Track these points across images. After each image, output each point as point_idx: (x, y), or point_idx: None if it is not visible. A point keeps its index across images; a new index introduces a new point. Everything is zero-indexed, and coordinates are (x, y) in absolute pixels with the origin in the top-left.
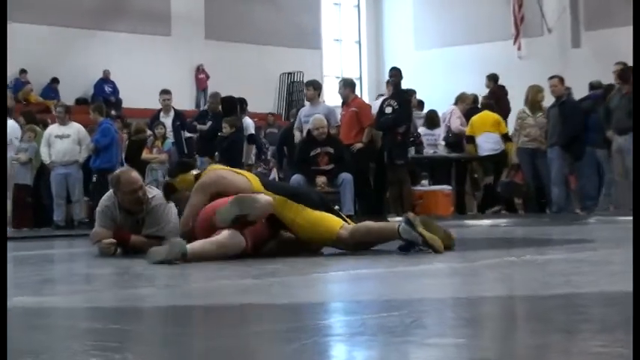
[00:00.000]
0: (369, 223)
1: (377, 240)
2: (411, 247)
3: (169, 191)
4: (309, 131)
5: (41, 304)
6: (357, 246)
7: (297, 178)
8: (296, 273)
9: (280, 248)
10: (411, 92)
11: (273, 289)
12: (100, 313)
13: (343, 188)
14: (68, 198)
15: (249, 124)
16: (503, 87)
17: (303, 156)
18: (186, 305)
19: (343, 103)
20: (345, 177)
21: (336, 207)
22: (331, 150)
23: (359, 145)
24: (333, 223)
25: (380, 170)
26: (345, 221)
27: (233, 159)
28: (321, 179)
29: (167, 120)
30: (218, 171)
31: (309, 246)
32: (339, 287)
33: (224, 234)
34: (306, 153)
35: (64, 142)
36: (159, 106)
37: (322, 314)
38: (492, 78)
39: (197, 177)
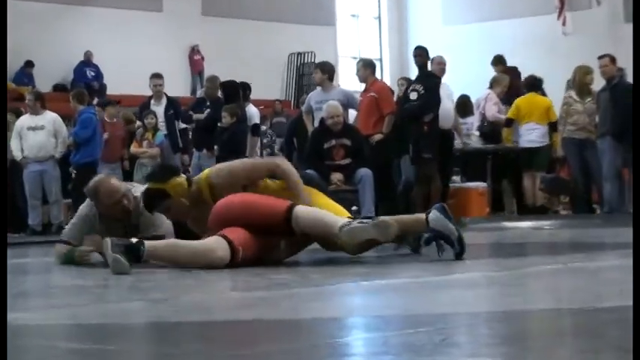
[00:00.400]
0: (385, 217)
1: (402, 230)
2: (437, 240)
3: (159, 199)
4: (322, 120)
5: (15, 321)
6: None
7: (309, 175)
8: (308, 284)
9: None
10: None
11: (284, 302)
12: (82, 332)
13: (362, 186)
14: (45, 198)
15: (253, 112)
16: (515, 69)
17: (315, 149)
18: (181, 322)
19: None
20: (364, 173)
21: (354, 208)
22: (348, 142)
23: (378, 137)
24: (340, 212)
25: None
26: None
27: (235, 153)
28: (336, 176)
29: (159, 108)
30: (219, 167)
31: (305, 242)
32: (358, 300)
33: (209, 241)
34: (319, 145)
35: (37, 134)
36: (149, 93)
37: (339, 331)
38: (499, 60)
39: (189, 180)
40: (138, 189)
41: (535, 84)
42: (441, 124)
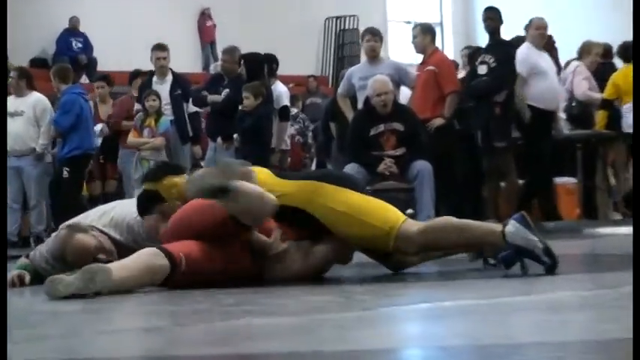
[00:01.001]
0: (450, 218)
1: (461, 242)
2: (517, 257)
3: (151, 202)
4: (367, 100)
5: None
6: (427, 252)
7: (351, 169)
8: (354, 307)
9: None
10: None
11: (322, 331)
12: None
13: (419, 183)
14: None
15: (281, 92)
16: (549, 37)
17: (359, 136)
18: (188, 356)
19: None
20: (422, 167)
21: (409, 210)
22: (400, 126)
23: (439, 122)
24: (391, 211)
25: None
26: None
27: (259, 142)
28: (385, 162)
29: (163, 88)
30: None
31: (342, 252)
32: (414, 327)
33: (143, 252)
34: (364, 132)
35: (15, 121)
36: (150, 68)
37: None
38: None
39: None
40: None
41: (629, 53)
42: (545, 105)
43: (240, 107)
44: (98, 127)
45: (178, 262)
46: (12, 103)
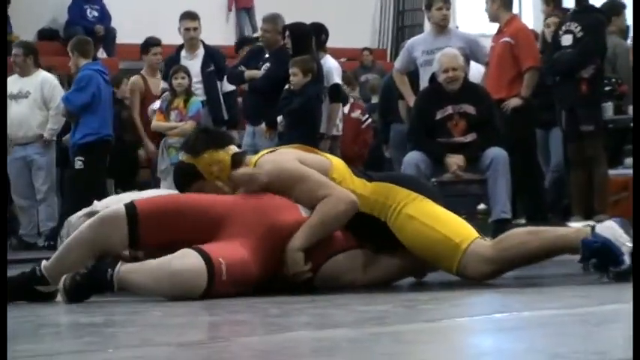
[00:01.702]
0: (528, 229)
1: (541, 254)
2: (600, 251)
3: (188, 178)
4: (432, 78)
5: None
6: (503, 268)
7: (414, 159)
8: (416, 318)
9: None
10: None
11: (381, 345)
12: None
13: (493, 173)
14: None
15: (331, 67)
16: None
17: (423, 120)
18: None
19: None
20: (496, 155)
21: (481, 206)
22: (471, 108)
23: (515, 102)
24: (466, 227)
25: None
26: None
27: (308, 127)
28: (454, 160)
29: (193, 64)
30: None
31: (409, 265)
32: (486, 341)
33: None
34: (429, 115)
35: (20, 104)
36: (179, 41)
37: None
38: None
39: (236, 158)
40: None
41: None
42: None
43: (286, 86)
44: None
45: (217, 269)
46: (15, 83)
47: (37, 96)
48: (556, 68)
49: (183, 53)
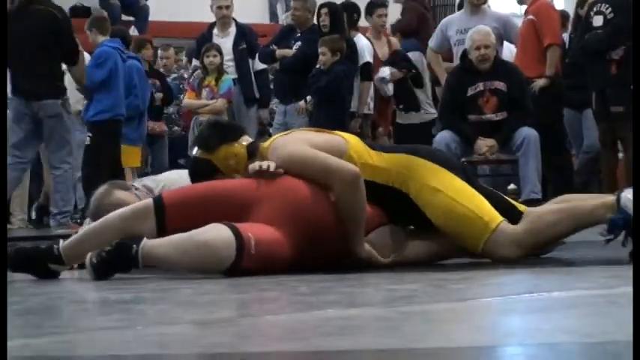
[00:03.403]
0: (555, 207)
1: (572, 228)
2: (624, 227)
3: (204, 172)
4: (463, 55)
5: (21, 350)
6: (531, 252)
7: (445, 138)
8: (446, 298)
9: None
10: None
11: (411, 324)
12: None
13: (524, 153)
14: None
15: (363, 46)
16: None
17: (453, 98)
18: (259, 352)
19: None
20: (528, 135)
21: (511, 186)
22: (502, 86)
23: (542, 82)
24: (492, 208)
25: None
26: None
27: (337, 105)
28: (486, 142)
29: (225, 42)
30: (290, 136)
31: (440, 249)
32: (516, 322)
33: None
34: (460, 92)
35: None
36: (210, 19)
37: None
38: None
39: (252, 149)
40: (174, 177)
41: None
42: None
43: (317, 66)
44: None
45: (247, 242)
46: None
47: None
48: (586, 49)
49: (215, 31)
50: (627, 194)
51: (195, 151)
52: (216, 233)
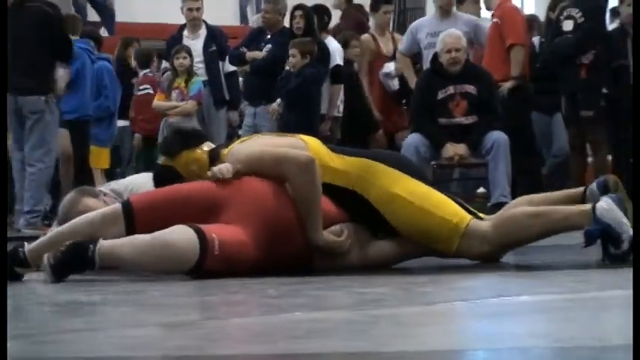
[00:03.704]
0: (526, 207)
1: (543, 231)
2: (601, 237)
3: (168, 178)
4: (434, 58)
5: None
6: (503, 250)
7: (414, 141)
8: (414, 302)
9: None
10: None
11: (377, 328)
12: None
13: (494, 157)
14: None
15: (334, 49)
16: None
17: (424, 101)
18: (225, 355)
19: None
20: (497, 138)
21: (480, 189)
22: (472, 89)
23: (509, 85)
24: (458, 207)
25: None
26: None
27: (306, 108)
28: (455, 149)
29: (195, 43)
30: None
31: (404, 253)
32: (485, 325)
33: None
34: (430, 95)
35: None
36: (180, 21)
37: None
38: None
39: (213, 155)
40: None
41: None
42: None
43: (286, 68)
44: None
45: (210, 243)
46: None
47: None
48: (556, 53)
49: (185, 33)
50: (603, 204)
51: (160, 157)
52: (180, 234)
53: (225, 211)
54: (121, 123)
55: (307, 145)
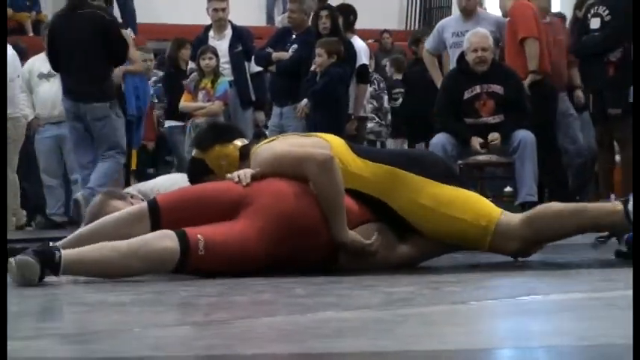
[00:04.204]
0: (557, 204)
1: (574, 229)
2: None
3: (198, 172)
4: (460, 57)
5: (11, 352)
6: (536, 244)
7: (441, 140)
8: (442, 300)
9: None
10: None
11: (407, 327)
12: None
13: (520, 156)
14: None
15: (360, 48)
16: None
17: (450, 100)
18: (253, 354)
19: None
20: (524, 137)
21: (507, 188)
22: (499, 89)
23: (529, 79)
24: (487, 204)
25: None
26: None
27: (332, 108)
28: (479, 140)
29: (221, 44)
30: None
31: (432, 251)
32: (513, 324)
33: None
34: (457, 94)
35: (52, 84)
36: (206, 21)
37: None
38: None
39: (244, 151)
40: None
41: None
42: None
43: (312, 68)
44: None
45: (194, 243)
46: (44, 64)
47: None
48: (583, 51)
49: (211, 33)
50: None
51: (193, 151)
52: (159, 236)
53: (244, 209)
54: (173, 123)
55: (331, 146)
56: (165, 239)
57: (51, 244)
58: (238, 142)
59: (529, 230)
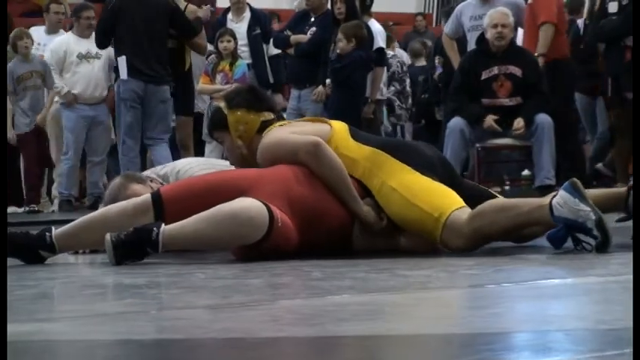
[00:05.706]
0: (498, 200)
1: (510, 225)
2: (568, 234)
3: (216, 123)
4: (480, 38)
5: (31, 335)
6: (477, 244)
7: (458, 124)
8: (459, 284)
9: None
10: None
11: (424, 310)
12: (130, 351)
13: (538, 139)
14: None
15: (377, 31)
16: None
17: (467, 80)
18: (272, 337)
19: None
20: (542, 121)
21: (525, 172)
22: (517, 71)
23: (542, 60)
24: (448, 197)
25: None
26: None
27: (350, 91)
28: (517, 123)
29: (239, 27)
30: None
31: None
32: (530, 308)
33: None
34: (474, 75)
35: (92, 64)
36: (225, 4)
37: (505, 354)
38: None
39: (263, 125)
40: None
41: None
42: None
43: (333, 51)
44: None
45: (275, 214)
46: (79, 43)
47: (106, 58)
48: (601, 35)
49: (229, 16)
50: (558, 199)
51: (221, 101)
52: (247, 202)
53: (258, 195)
54: None
55: (333, 131)
56: (251, 209)
57: (53, 229)
58: (266, 114)
59: (468, 228)
